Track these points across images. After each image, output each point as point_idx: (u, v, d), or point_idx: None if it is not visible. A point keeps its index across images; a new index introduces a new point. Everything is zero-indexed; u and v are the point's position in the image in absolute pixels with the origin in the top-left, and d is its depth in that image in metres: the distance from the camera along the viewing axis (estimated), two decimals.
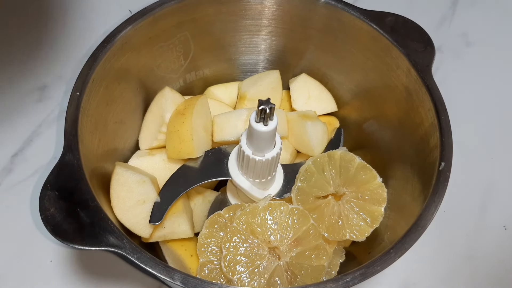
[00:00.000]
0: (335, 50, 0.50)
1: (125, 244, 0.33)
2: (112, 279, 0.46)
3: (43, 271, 0.47)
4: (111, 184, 0.42)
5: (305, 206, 0.42)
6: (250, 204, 0.42)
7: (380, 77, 0.47)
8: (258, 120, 0.37)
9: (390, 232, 0.40)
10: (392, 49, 0.44)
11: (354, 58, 0.49)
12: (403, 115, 0.45)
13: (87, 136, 0.40)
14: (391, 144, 0.47)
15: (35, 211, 0.50)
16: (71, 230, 0.34)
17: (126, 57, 0.44)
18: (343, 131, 0.54)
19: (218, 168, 0.44)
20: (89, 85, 0.40)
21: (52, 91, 0.58)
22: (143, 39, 0.45)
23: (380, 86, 0.48)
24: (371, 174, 0.44)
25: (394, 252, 0.34)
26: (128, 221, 0.41)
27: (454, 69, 0.63)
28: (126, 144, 0.49)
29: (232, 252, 0.39)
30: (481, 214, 0.52)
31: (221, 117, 0.48)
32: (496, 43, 0.66)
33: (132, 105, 0.48)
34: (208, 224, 0.42)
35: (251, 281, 0.38)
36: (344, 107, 0.54)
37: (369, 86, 0.49)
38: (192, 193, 0.47)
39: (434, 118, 0.40)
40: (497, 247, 0.50)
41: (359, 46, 0.48)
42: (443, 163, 0.38)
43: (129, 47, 0.44)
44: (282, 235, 0.40)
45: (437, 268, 0.49)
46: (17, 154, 0.54)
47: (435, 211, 0.36)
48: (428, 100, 0.41)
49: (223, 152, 0.46)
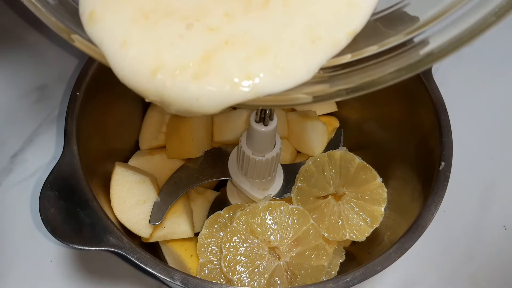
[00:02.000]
0: None
1: (125, 244, 0.33)
2: (112, 279, 0.46)
3: (43, 271, 0.47)
4: (111, 184, 0.42)
5: (305, 206, 0.42)
6: (250, 204, 0.42)
7: None
8: (258, 120, 0.37)
9: (390, 232, 0.40)
10: None
11: None
12: (403, 115, 0.45)
13: (87, 136, 0.40)
14: (391, 144, 0.47)
15: (35, 211, 0.50)
16: (71, 230, 0.34)
17: None
18: (343, 131, 0.54)
19: (218, 168, 0.44)
20: (89, 85, 0.40)
21: (52, 91, 0.58)
22: None
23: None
24: (371, 174, 0.44)
25: (394, 252, 0.34)
26: (128, 221, 0.41)
27: (454, 69, 0.63)
28: (126, 144, 0.49)
29: (232, 252, 0.39)
30: (481, 214, 0.52)
31: (221, 117, 0.48)
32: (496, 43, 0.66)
33: (132, 105, 0.48)
34: (208, 224, 0.42)
35: (251, 281, 0.38)
36: (344, 107, 0.54)
37: None
38: (192, 193, 0.47)
39: (434, 118, 0.40)
40: (497, 247, 0.50)
41: None
42: (443, 163, 0.38)
43: None
44: (282, 235, 0.40)
45: (437, 268, 0.49)
46: (17, 154, 0.53)
47: (435, 211, 0.36)
48: (428, 100, 0.41)
49: (223, 152, 0.46)
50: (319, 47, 0.22)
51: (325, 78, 0.23)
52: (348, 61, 0.23)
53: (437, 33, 0.22)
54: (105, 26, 0.22)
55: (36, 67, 0.59)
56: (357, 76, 0.22)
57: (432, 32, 0.22)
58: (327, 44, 0.22)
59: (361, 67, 0.23)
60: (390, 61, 0.22)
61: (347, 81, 0.22)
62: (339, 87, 0.22)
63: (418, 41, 0.22)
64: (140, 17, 0.22)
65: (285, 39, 0.22)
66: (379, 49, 0.23)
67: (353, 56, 0.23)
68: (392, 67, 0.21)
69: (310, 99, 0.22)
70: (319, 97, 0.22)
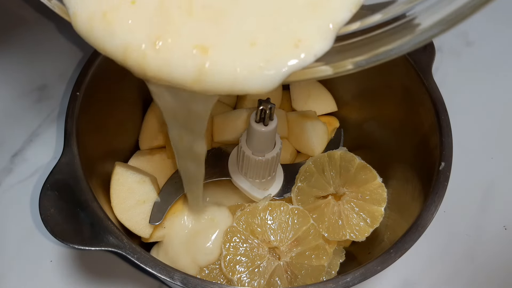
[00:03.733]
0: None
1: (125, 244, 0.33)
2: (112, 279, 0.46)
3: (43, 271, 0.47)
4: (111, 184, 0.42)
5: (305, 206, 0.42)
6: (250, 204, 0.42)
7: (380, 77, 0.47)
8: (258, 120, 0.37)
9: (390, 232, 0.40)
10: None
11: None
12: (403, 115, 0.45)
13: (87, 136, 0.40)
14: (391, 144, 0.47)
15: (35, 211, 0.50)
16: (71, 230, 0.34)
17: None
18: (343, 131, 0.54)
19: (218, 168, 0.44)
20: (89, 85, 0.40)
21: (52, 91, 0.58)
22: None
23: (380, 86, 0.48)
24: (371, 174, 0.44)
25: (394, 252, 0.34)
26: (128, 221, 0.41)
27: (454, 69, 0.63)
28: (126, 144, 0.49)
29: (232, 252, 0.39)
30: (481, 214, 0.52)
31: (221, 117, 0.48)
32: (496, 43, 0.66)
33: (132, 105, 0.48)
34: None
35: (251, 281, 0.38)
36: (344, 107, 0.54)
37: (369, 86, 0.49)
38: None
39: (434, 118, 0.40)
40: (497, 247, 0.50)
41: None
42: (443, 163, 0.38)
43: None
44: (282, 235, 0.40)
45: (437, 268, 0.49)
46: (17, 154, 0.53)
47: (435, 211, 0.36)
48: (428, 100, 0.41)
49: (223, 152, 0.46)
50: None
51: (343, 47, 0.23)
52: (357, 29, 0.23)
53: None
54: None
55: (36, 67, 0.59)
56: (371, 45, 0.22)
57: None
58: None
59: (371, 36, 0.23)
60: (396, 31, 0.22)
61: (361, 51, 0.22)
62: (357, 58, 0.22)
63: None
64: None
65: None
66: (383, 17, 0.23)
67: (362, 24, 0.24)
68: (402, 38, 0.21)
69: (331, 71, 0.22)
70: (339, 67, 0.22)
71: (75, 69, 0.59)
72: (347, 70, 0.22)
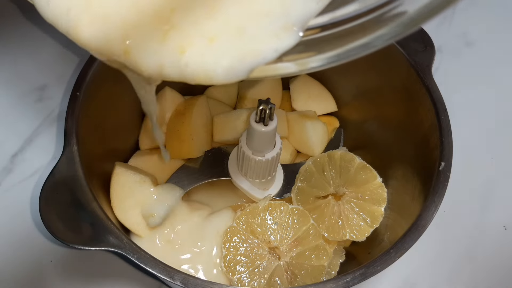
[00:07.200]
0: None
1: (125, 244, 0.33)
2: (112, 279, 0.46)
3: (43, 271, 0.47)
4: (111, 184, 0.42)
5: (305, 206, 0.42)
6: (250, 204, 0.42)
7: (380, 77, 0.47)
8: (258, 120, 0.37)
9: (390, 232, 0.40)
10: (392, 49, 0.44)
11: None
12: (403, 115, 0.45)
13: (87, 136, 0.40)
14: (391, 144, 0.47)
15: (35, 211, 0.50)
16: (71, 230, 0.34)
17: None
18: (343, 131, 0.54)
19: (218, 168, 0.44)
20: (89, 85, 0.40)
21: (52, 91, 0.58)
22: None
23: (380, 86, 0.48)
24: (371, 174, 0.44)
25: (394, 252, 0.34)
26: (128, 221, 0.41)
27: (454, 69, 0.63)
28: (126, 144, 0.49)
29: (232, 252, 0.39)
30: (481, 214, 0.52)
31: (221, 117, 0.48)
32: (496, 43, 0.66)
33: (132, 105, 0.48)
34: None
35: (251, 281, 0.38)
36: (344, 107, 0.54)
37: (369, 86, 0.49)
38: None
39: (434, 118, 0.40)
40: (497, 247, 0.50)
41: None
42: (443, 163, 0.38)
43: None
44: (282, 235, 0.40)
45: (437, 268, 0.49)
46: (17, 154, 0.53)
47: (435, 211, 0.36)
48: (428, 100, 0.41)
49: (223, 152, 0.46)
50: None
51: (313, 41, 0.21)
52: (331, 21, 0.22)
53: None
54: None
55: (36, 67, 0.59)
56: (342, 40, 0.21)
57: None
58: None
59: (345, 29, 0.21)
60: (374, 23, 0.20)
61: (334, 45, 0.21)
62: (327, 54, 0.20)
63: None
64: None
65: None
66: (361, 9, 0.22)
67: (333, 16, 0.22)
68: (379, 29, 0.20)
69: (294, 68, 0.21)
70: (304, 65, 0.21)
71: (75, 69, 0.59)
72: (312, 68, 0.21)
